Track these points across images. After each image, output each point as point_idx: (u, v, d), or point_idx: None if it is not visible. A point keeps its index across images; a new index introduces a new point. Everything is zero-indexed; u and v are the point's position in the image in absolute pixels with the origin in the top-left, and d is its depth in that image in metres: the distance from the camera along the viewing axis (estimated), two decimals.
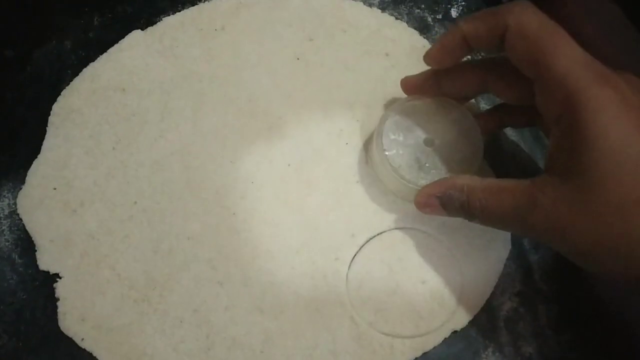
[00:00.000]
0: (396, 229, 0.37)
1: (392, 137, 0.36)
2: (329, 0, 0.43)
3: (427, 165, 0.36)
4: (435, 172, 0.35)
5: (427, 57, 0.34)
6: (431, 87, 0.36)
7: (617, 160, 0.25)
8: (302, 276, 0.36)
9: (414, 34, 0.43)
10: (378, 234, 0.37)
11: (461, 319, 0.36)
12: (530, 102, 0.31)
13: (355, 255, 0.37)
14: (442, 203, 0.33)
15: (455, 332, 0.36)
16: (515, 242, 0.38)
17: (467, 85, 0.35)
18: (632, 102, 0.26)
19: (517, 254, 0.38)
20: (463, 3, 0.44)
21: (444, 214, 0.33)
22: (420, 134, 0.36)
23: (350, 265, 0.36)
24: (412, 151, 0.36)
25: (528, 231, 0.30)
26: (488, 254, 0.37)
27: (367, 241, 0.37)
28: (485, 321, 0.36)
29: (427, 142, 0.36)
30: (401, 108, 0.37)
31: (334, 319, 0.35)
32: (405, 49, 0.42)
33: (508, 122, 0.38)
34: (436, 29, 0.44)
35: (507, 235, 0.38)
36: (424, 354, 0.35)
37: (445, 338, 0.35)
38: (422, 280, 0.36)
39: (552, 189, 0.28)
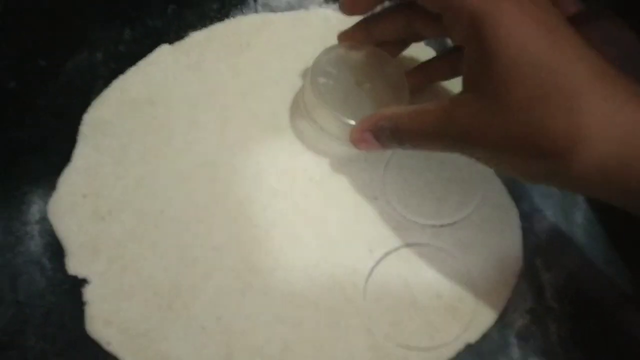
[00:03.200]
0: (413, 244, 0.39)
1: (322, 80, 0.38)
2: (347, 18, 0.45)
3: (356, 105, 0.38)
4: (364, 112, 0.37)
5: (342, 6, 0.37)
6: (362, 34, 0.39)
7: (517, 66, 0.27)
8: (321, 288, 0.37)
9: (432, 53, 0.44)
10: (395, 249, 0.38)
11: (475, 333, 0.37)
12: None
13: (372, 269, 0.38)
14: (375, 136, 0.35)
15: (469, 345, 0.37)
16: (528, 260, 0.39)
17: (393, 28, 0.37)
18: (530, 11, 0.28)
19: (529, 272, 0.39)
20: None
21: (379, 146, 0.35)
22: (349, 78, 0.38)
23: (367, 279, 0.38)
24: (342, 93, 0.38)
25: (449, 146, 0.32)
26: (501, 269, 0.38)
27: (385, 256, 0.38)
28: (498, 337, 0.37)
29: (357, 84, 0.38)
30: (332, 53, 0.39)
31: (351, 330, 0.36)
32: None
33: (435, 76, 0.40)
34: None
35: (519, 250, 0.39)
36: None
37: (459, 351, 0.36)
38: (437, 294, 0.37)
39: (466, 104, 0.30)
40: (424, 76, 0.40)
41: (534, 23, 0.28)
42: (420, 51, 0.43)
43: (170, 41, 0.43)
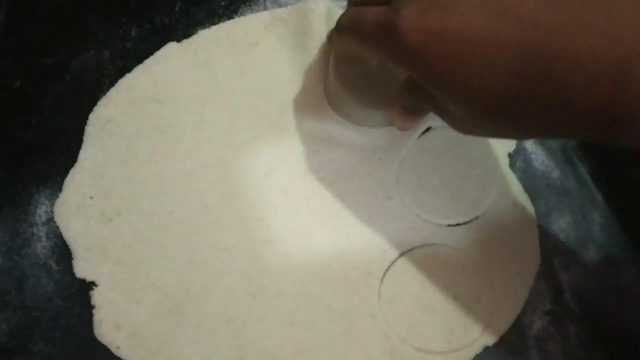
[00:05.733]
0: (427, 244, 0.38)
1: (344, 69, 0.38)
2: None
3: (380, 88, 0.37)
4: (389, 94, 0.36)
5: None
6: None
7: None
8: (335, 289, 0.36)
9: None
10: (410, 250, 0.38)
11: (493, 335, 0.36)
12: None
13: (387, 269, 0.37)
14: (407, 113, 0.34)
15: (486, 347, 0.36)
16: (545, 260, 0.38)
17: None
18: None
19: (547, 273, 0.38)
20: None
21: (413, 117, 0.35)
22: (370, 62, 0.38)
23: (382, 280, 0.37)
24: (365, 79, 0.38)
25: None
26: (518, 269, 0.38)
27: (400, 256, 0.37)
28: (516, 339, 0.36)
29: (378, 68, 0.38)
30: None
31: (366, 333, 0.36)
32: None
33: None
34: None
35: (536, 250, 0.38)
36: None
37: (477, 354, 0.36)
38: (454, 295, 0.36)
39: None
40: None
41: None
42: None
43: (178, 39, 0.42)
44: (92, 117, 0.39)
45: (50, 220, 0.37)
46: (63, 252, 0.36)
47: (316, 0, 0.42)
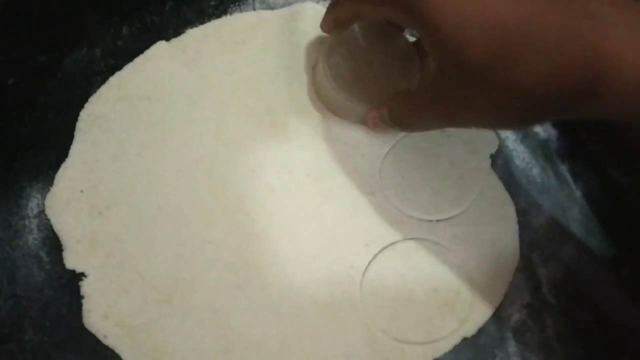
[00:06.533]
0: (409, 239, 0.39)
1: (334, 60, 0.39)
2: None
3: (368, 84, 0.39)
4: (375, 91, 0.38)
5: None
6: (352, 18, 0.38)
7: (457, 29, 0.28)
8: (318, 282, 0.37)
9: None
10: (392, 244, 0.38)
11: (471, 327, 0.37)
12: None
13: (369, 263, 0.38)
14: (382, 121, 0.37)
15: (465, 339, 0.37)
16: (525, 255, 0.39)
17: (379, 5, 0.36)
18: None
19: (527, 267, 0.39)
20: None
21: (385, 126, 0.38)
22: (361, 57, 0.39)
23: (364, 273, 0.38)
24: (353, 73, 0.39)
25: (439, 122, 0.34)
26: (498, 263, 0.38)
27: (382, 250, 0.38)
28: (494, 331, 0.37)
29: (368, 64, 0.39)
30: (344, 33, 0.39)
31: (348, 324, 0.37)
32: None
33: None
34: None
35: (515, 245, 0.39)
36: None
37: (455, 345, 0.37)
38: (434, 288, 0.37)
39: (432, 74, 0.31)
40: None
41: None
42: None
43: (169, 38, 0.43)
44: (83, 114, 0.40)
45: (42, 213, 0.38)
46: (54, 244, 0.37)
47: (303, 4, 0.43)
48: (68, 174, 0.39)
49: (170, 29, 0.43)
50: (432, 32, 0.29)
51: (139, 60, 0.42)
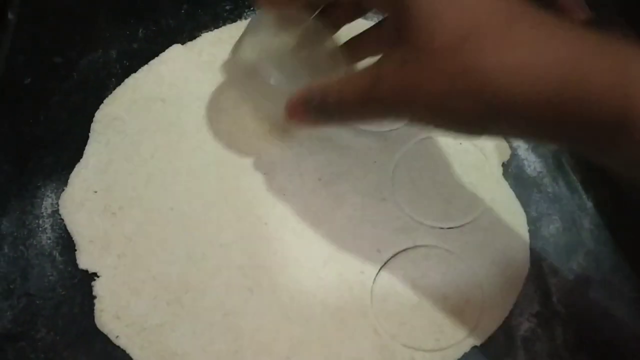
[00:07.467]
0: (420, 246, 0.39)
1: (262, 36, 0.37)
2: None
3: (290, 71, 0.37)
4: (297, 80, 0.36)
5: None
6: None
7: (428, 17, 0.27)
8: (329, 287, 0.37)
9: None
10: (403, 250, 0.39)
11: (481, 335, 0.37)
12: None
13: (380, 269, 0.38)
14: (305, 109, 0.34)
15: (474, 347, 0.37)
16: (535, 264, 0.39)
17: None
18: None
19: (537, 276, 0.39)
20: None
21: (311, 119, 0.34)
22: (286, 42, 0.38)
23: (375, 279, 0.38)
24: (277, 53, 0.37)
25: (381, 111, 0.31)
26: (508, 272, 0.38)
27: (393, 257, 0.38)
28: (504, 340, 0.37)
29: (293, 51, 0.38)
30: (274, 14, 0.37)
31: (358, 329, 0.37)
32: None
33: (363, 51, 0.38)
34: None
35: (526, 254, 0.39)
36: None
37: (465, 353, 0.37)
38: (444, 296, 0.37)
39: (391, 61, 0.30)
40: (353, 51, 0.38)
41: None
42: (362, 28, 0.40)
43: (183, 41, 0.43)
44: (98, 115, 0.41)
45: (56, 212, 0.38)
46: (67, 244, 0.38)
47: None
48: (82, 175, 0.39)
49: (186, 33, 0.44)
50: (405, 11, 0.28)
51: (154, 62, 0.43)
